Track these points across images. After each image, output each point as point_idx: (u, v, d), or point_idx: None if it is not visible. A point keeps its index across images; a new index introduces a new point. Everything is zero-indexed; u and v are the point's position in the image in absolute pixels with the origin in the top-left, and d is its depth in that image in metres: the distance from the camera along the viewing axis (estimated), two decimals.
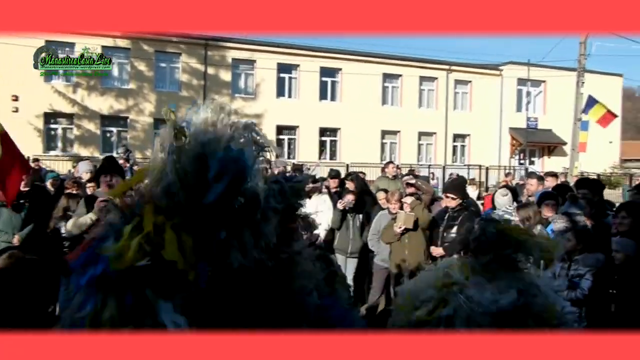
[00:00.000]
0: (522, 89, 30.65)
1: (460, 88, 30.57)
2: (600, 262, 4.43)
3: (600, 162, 28.62)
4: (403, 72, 28.76)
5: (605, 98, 25.87)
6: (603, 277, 4.26)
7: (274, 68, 26.27)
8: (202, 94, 25.24)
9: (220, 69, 25.65)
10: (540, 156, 31.86)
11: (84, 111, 23.47)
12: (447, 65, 29.86)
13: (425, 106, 29.83)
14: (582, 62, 22.20)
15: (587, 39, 21.68)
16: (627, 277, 4.13)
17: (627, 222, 4.75)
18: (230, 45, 25.49)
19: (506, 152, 30.29)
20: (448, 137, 29.97)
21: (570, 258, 4.73)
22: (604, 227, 5.31)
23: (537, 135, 30.23)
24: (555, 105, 30.40)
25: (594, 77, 26.91)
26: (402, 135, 29.05)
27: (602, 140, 28.22)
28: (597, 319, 4.21)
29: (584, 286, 4.46)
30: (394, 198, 6.68)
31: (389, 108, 28.68)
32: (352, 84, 27.28)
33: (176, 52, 25.01)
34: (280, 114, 25.82)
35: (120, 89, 24.13)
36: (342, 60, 27.38)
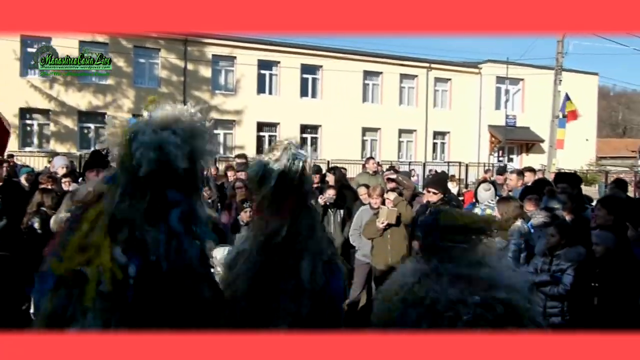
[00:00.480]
0: (500, 87, 30.96)
1: (440, 86, 30.78)
2: (582, 256, 4.47)
3: (577, 159, 29.03)
4: (383, 69, 28.84)
5: (581, 96, 26.29)
6: (585, 271, 4.30)
7: (255, 64, 26.14)
8: (182, 90, 25.01)
9: (200, 65, 25.42)
10: (519, 153, 32.23)
11: (61, 107, 23.09)
12: (427, 63, 30.03)
13: (405, 104, 29.96)
14: (559, 60, 22.48)
15: (564, 37, 21.95)
16: (607, 270, 4.17)
17: (602, 214, 4.80)
18: (210, 42, 25.28)
19: (485, 149, 30.59)
20: (428, 134, 30.16)
21: (552, 253, 4.76)
22: (583, 221, 5.36)
23: (516, 133, 30.58)
24: (533, 103, 30.77)
25: (571, 75, 27.30)
26: (382, 133, 29.14)
27: (578, 138, 28.66)
28: (580, 312, 4.25)
29: (566, 281, 4.49)
30: (376, 193, 6.67)
31: (369, 105, 28.74)
32: (332, 81, 27.27)
33: (155, 48, 24.72)
34: (261, 110, 25.72)
35: (99, 85, 23.78)
36: (322, 58, 27.34)
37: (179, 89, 25.04)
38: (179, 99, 24.91)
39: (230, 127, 26.34)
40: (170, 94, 24.88)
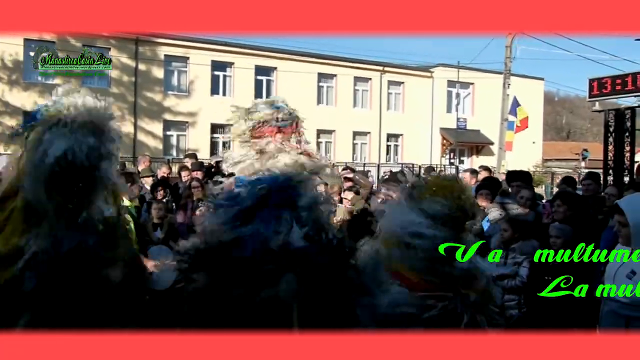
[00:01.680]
0: (452, 90, 31.63)
1: (393, 89, 31.19)
2: (535, 249, 4.60)
3: (525, 161, 29.87)
4: (338, 72, 29.02)
5: (528, 100, 27.10)
6: (539, 264, 4.43)
7: (208, 65, 25.83)
8: (133, 91, 24.46)
9: (152, 66, 24.92)
10: (469, 155, 32.99)
11: (5, 107, 22.20)
12: (381, 66, 30.38)
13: (359, 106, 30.22)
14: (507, 64, 23.18)
15: (512, 42, 22.64)
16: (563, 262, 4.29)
17: (562, 210, 4.95)
18: (163, 42, 24.81)
19: (437, 152, 31.17)
20: (382, 136, 30.51)
21: (507, 247, 4.89)
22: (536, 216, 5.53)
23: (466, 136, 31.30)
24: (482, 107, 31.54)
25: (519, 80, 28.13)
26: (337, 135, 29.30)
27: (526, 140, 29.53)
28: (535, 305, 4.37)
29: (522, 274, 4.62)
30: (334, 190, 6.69)
31: (324, 107, 28.83)
32: (287, 83, 27.21)
33: (105, 47, 24.05)
34: (215, 112, 25.37)
35: (45, 85, 22.93)
36: (277, 59, 27.27)
37: (130, 90, 24.48)
38: (130, 100, 24.39)
39: (183, 129, 25.94)
40: (121, 94, 24.29)
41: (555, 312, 4.05)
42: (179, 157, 23.60)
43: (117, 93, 24.11)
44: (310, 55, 28.19)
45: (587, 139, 60.16)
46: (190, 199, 7.39)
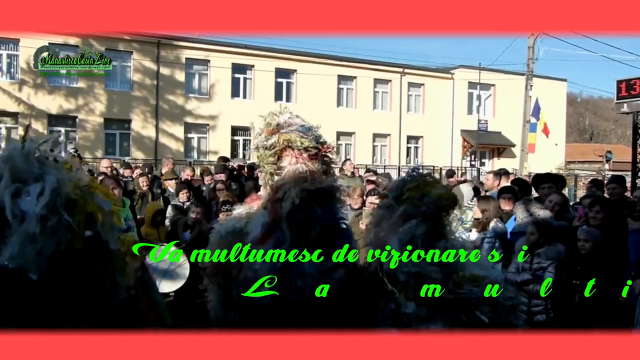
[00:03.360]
0: (472, 92, 31.38)
1: (413, 91, 31.04)
2: (561, 254, 4.53)
3: (547, 163, 29.55)
4: (358, 74, 28.97)
5: (550, 102, 26.83)
6: (565, 269, 4.36)
7: (229, 67, 25.99)
8: (155, 94, 24.71)
9: (173, 69, 25.15)
10: (491, 158, 32.68)
11: (31, 110, 22.58)
12: (401, 68, 30.27)
13: (379, 108, 30.14)
14: (530, 66, 22.95)
15: (535, 43, 22.41)
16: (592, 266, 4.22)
17: (600, 216, 4.84)
18: (184, 45, 25.04)
19: (458, 154, 30.93)
20: (402, 138, 30.38)
21: (532, 252, 4.82)
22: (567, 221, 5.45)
23: (487, 138, 31.00)
24: (504, 109, 31.25)
25: (541, 81, 27.83)
26: (357, 137, 29.25)
27: (548, 142, 29.18)
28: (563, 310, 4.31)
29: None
30: (356, 194, 6.68)
31: (344, 110, 28.83)
32: (307, 86, 27.28)
33: (128, 51, 24.38)
34: (235, 114, 25.55)
35: (69, 88, 23.34)
36: (297, 62, 27.33)
37: (152, 93, 24.74)
38: (152, 103, 24.66)
39: (204, 132, 26.12)
40: (143, 97, 24.58)
41: (585, 316, 3.99)
42: (199, 159, 23.80)
43: (140, 96, 24.41)
44: (330, 57, 28.20)
45: (610, 141, 59.29)
46: (215, 201, 7.44)
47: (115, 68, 24.29)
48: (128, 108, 24.42)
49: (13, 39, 21.52)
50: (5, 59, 22.27)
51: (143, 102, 24.65)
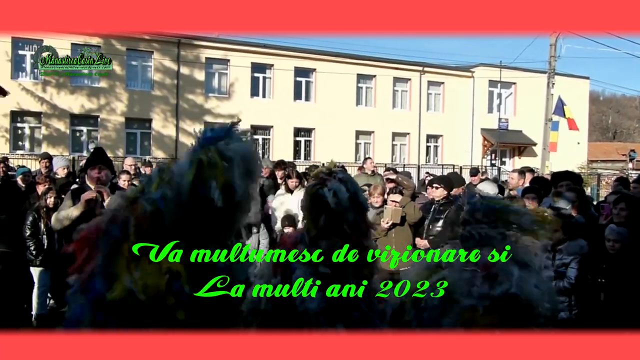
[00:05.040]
0: (493, 90, 31.10)
1: (433, 89, 30.86)
2: (583, 249, 4.46)
3: (569, 162, 29.13)
4: (377, 72, 28.88)
5: (573, 100, 26.41)
6: (588, 264, 4.29)
7: (248, 67, 26.10)
8: (175, 93, 24.92)
9: (193, 68, 25.35)
10: (511, 156, 32.36)
11: (53, 110, 22.94)
12: (420, 66, 30.10)
13: (398, 107, 30.02)
14: (552, 63, 22.64)
15: (557, 40, 22.11)
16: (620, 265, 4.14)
17: (624, 213, 4.78)
18: (204, 44, 25.23)
19: (478, 153, 30.67)
20: (421, 137, 30.22)
21: (554, 248, 4.76)
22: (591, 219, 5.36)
23: (508, 136, 30.67)
24: (525, 107, 30.90)
25: (563, 79, 27.45)
26: (376, 136, 29.17)
27: (570, 141, 28.81)
28: (587, 306, 4.24)
29: (570, 275, 4.49)
30: (377, 192, 6.64)
31: (363, 108, 28.78)
32: (326, 84, 27.28)
33: (148, 51, 24.63)
34: (255, 113, 25.65)
35: (91, 88, 23.64)
36: (316, 61, 27.35)
37: (173, 92, 24.96)
38: (172, 102, 24.88)
39: None
40: (163, 96, 24.81)
41: (608, 315, 3.92)
42: None
43: (160, 95, 24.64)
44: (349, 56, 28.16)
45: (634, 140, 58.33)
46: None
47: (136, 68, 24.58)
48: (149, 107, 24.66)
49: (36, 39, 21.85)
50: (29, 60, 22.62)
51: (163, 102, 24.88)
